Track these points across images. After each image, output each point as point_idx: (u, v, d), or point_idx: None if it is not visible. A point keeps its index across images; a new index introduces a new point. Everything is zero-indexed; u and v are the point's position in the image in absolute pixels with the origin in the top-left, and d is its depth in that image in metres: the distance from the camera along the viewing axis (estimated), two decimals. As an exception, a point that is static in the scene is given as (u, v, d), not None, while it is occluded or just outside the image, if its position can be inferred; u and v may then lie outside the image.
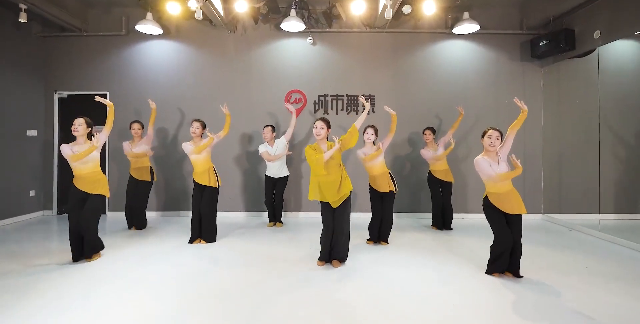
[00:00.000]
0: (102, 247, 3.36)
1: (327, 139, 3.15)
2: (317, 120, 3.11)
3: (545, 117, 5.19)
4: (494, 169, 2.82)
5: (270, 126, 4.59)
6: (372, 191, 3.84)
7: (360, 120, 3.09)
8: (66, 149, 3.14)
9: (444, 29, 5.20)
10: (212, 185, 3.78)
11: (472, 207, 5.16)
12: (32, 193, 5.10)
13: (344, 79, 5.25)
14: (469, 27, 4.83)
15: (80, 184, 3.17)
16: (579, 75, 4.79)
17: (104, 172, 5.14)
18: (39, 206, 5.24)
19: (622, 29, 3.96)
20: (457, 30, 4.95)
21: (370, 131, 3.79)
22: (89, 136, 3.28)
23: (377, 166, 3.76)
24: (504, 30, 5.18)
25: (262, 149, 4.53)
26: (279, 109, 5.23)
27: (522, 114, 2.87)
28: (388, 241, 3.86)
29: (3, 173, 4.67)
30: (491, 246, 2.95)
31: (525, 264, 3.02)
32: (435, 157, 4.38)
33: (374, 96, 5.24)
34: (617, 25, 4.02)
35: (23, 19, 4.37)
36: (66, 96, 5.33)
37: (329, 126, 3.12)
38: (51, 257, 3.35)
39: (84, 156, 3.10)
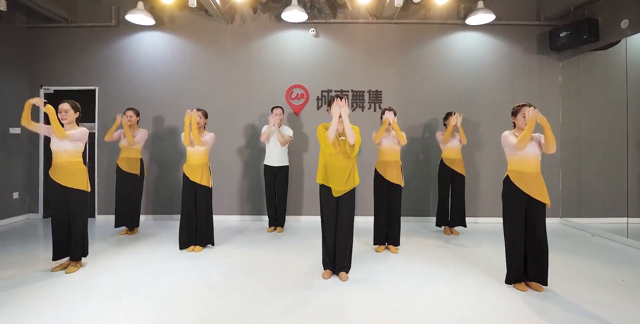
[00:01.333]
0: (86, 254, 3.03)
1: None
2: (335, 98, 2.77)
3: (563, 114, 4.86)
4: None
5: (280, 107, 4.22)
6: (379, 181, 3.50)
7: (348, 132, 2.69)
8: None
9: (456, 19, 4.86)
10: (204, 184, 3.47)
11: (484, 210, 4.84)
12: (15, 195, 4.77)
13: (348, 74, 4.92)
14: (483, 17, 4.50)
15: (57, 175, 2.86)
16: (601, 69, 4.46)
17: (93, 170, 4.90)
18: (24, 209, 4.91)
19: (654, 17, 3.64)
20: (470, 20, 4.62)
21: (389, 115, 3.43)
22: (77, 122, 3.03)
23: (390, 150, 3.47)
24: (520, 21, 4.84)
25: (265, 130, 4.21)
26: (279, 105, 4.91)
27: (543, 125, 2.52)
28: (398, 247, 3.55)
29: (-17, 174, 4.35)
30: (505, 249, 2.68)
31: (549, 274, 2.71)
32: (451, 146, 4.11)
33: (381, 92, 4.91)
34: (648, 13, 3.70)
35: (2, 7, 4.06)
36: (52, 91, 4.99)
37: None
38: (37, 265, 3.06)
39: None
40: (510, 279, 2.66)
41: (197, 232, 3.54)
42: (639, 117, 3.89)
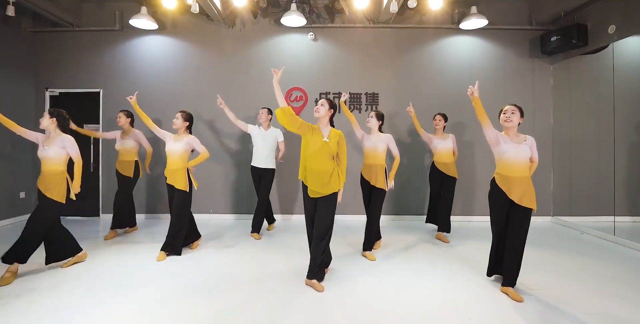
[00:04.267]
0: (71, 254, 3.16)
1: (332, 125, 2.86)
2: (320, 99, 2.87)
3: (555, 116, 5.01)
4: (509, 147, 2.59)
5: (267, 108, 4.28)
6: (363, 184, 3.52)
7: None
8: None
9: (451, 24, 5.01)
10: (180, 188, 3.36)
11: (478, 209, 4.98)
12: (22, 195, 4.90)
13: (346, 76, 5.06)
14: (476, 22, 4.65)
15: (39, 181, 3.04)
16: (590, 73, 4.61)
17: (97, 173, 5.04)
18: (30, 208, 5.03)
19: (640, 24, 3.78)
20: (464, 25, 4.77)
21: (372, 114, 3.51)
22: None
23: (372, 152, 3.45)
24: (512, 26, 4.99)
25: (251, 128, 4.18)
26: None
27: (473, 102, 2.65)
28: (379, 241, 3.68)
29: (-9, 174, 4.48)
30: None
31: (534, 270, 2.87)
32: (442, 149, 4.04)
33: (378, 94, 5.06)
34: (634, 20, 3.84)
35: (11, 12, 4.17)
36: (58, 94, 5.13)
37: (331, 107, 2.79)
38: (39, 261, 3.16)
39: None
40: (489, 272, 2.79)
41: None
42: (626, 120, 4.04)
